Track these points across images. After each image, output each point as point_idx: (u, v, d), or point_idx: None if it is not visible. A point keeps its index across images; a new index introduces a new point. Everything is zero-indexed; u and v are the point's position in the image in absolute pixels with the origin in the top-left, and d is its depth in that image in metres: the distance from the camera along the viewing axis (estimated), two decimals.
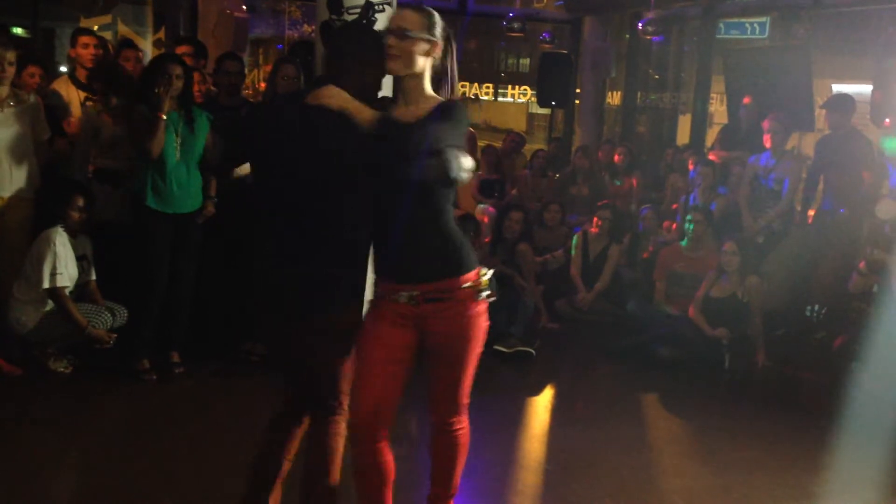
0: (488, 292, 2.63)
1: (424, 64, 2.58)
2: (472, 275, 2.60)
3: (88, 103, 5.11)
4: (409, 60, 2.54)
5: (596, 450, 4.01)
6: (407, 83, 2.60)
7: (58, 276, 4.30)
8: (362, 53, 2.58)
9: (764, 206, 6.19)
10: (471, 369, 2.72)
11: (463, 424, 2.81)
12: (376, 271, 2.67)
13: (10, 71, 4.38)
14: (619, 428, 4.31)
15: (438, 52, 2.59)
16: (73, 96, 5.10)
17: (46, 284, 4.29)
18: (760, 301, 5.37)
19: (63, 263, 4.34)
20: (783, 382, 5.11)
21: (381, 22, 4.71)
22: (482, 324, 2.66)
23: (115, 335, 4.48)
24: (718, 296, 5.42)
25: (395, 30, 2.56)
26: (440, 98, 2.62)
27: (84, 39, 5.18)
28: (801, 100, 7.38)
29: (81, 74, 5.17)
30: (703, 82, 9.40)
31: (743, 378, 5.16)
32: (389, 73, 2.62)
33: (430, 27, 2.57)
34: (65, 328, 4.37)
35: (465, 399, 2.77)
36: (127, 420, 4.07)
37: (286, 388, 2.82)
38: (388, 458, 2.71)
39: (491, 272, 2.68)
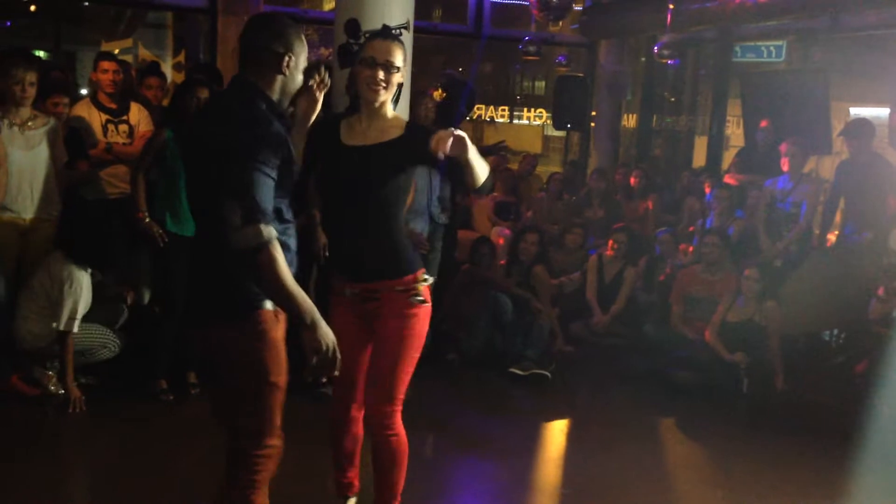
0: (420, 298, 2.87)
1: None
2: (408, 278, 2.86)
3: (109, 126, 5.18)
4: (393, 90, 2.82)
5: (612, 474, 3.98)
6: (381, 107, 2.84)
7: (74, 322, 4.29)
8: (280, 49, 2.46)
9: (781, 230, 6.16)
10: (404, 366, 2.90)
11: (396, 430, 2.94)
12: (333, 267, 3.03)
13: (31, 92, 4.43)
14: (635, 452, 4.27)
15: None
16: (95, 119, 5.16)
17: (62, 327, 4.26)
18: (778, 325, 5.33)
19: (83, 306, 4.33)
20: (802, 407, 5.05)
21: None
22: (417, 324, 2.90)
23: (83, 397, 4.31)
24: (735, 320, 5.38)
25: (384, 63, 2.74)
26: (400, 117, 2.93)
27: (104, 65, 5.25)
28: (819, 123, 7.36)
29: (103, 97, 5.24)
30: (719, 105, 9.41)
31: (761, 403, 5.11)
32: (371, 103, 2.79)
33: (405, 57, 2.84)
34: (80, 346, 4.38)
35: (398, 394, 2.91)
36: (144, 439, 4.07)
37: None
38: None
39: (431, 279, 2.94)
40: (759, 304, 5.35)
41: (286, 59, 2.44)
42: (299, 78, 2.52)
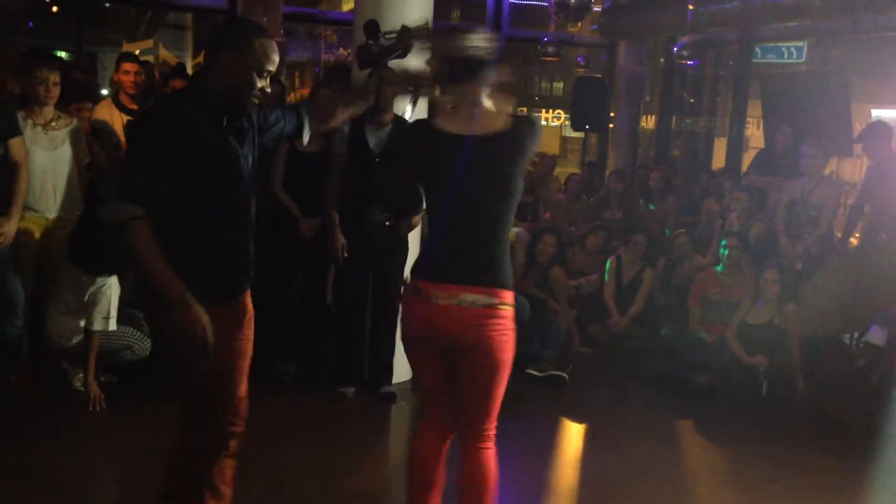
0: None
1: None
2: None
3: None
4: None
5: (630, 477, 3.97)
6: None
7: (109, 321, 4.34)
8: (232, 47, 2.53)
9: (801, 232, 6.12)
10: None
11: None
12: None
13: (55, 92, 4.46)
14: (653, 455, 4.26)
15: None
16: (116, 120, 5.21)
17: (96, 327, 4.31)
18: (799, 328, 5.29)
19: (115, 303, 4.37)
20: (822, 411, 5.01)
21: (416, 47, 4.77)
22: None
23: (103, 395, 4.37)
24: (755, 322, 5.35)
25: None
26: None
27: (126, 66, 5.29)
28: (839, 125, 7.30)
29: (124, 98, 5.29)
30: (739, 106, 9.35)
31: (780, 406, 5.08)
32: None
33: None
34: (105, 349, 4.42)
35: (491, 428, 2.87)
36: (162, 436, 4.09)
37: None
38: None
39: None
40: (780, 306, 5.31)
41: (225, 54, 2.51)
42: (243, 76, 2.51)
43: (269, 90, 2.60)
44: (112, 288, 4.36)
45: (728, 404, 5.04)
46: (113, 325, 4.36)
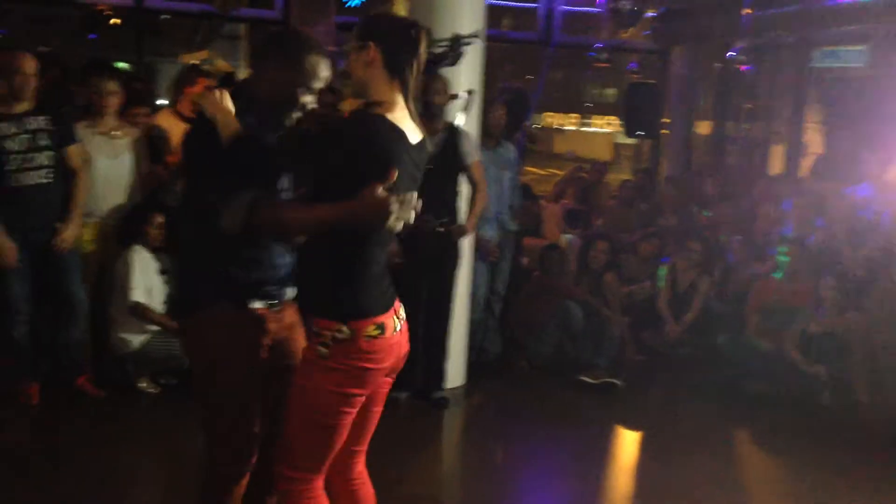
0: (325, 351, 2.20)
1: (368, 76, 2.27)
2: (325, 322, 2.22)
3: None
4: (355, 80, 2.31)
5: (685, 485, 3.91)
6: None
7: (132, 291, 4.45)
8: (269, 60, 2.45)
9: (863, 239, 5.97)
10: (296, 432, 2.31)
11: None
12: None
13: (111, 101, 4.57)
14: (708, 464, 4.19)
15: (369, 56, 2.24)
16: (177, 128, 5.31)
17: (133, 298, 4.45)
18: (862, 336, 5.16)
19: (138, 278, 4.49)
20: (886, 422, 4.87)
21: (468, 55, 4.78)
22: (317, 382, 2.23)
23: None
24: (817, 331, 5.24)
25: None
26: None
27: (204, 81, 5.41)
28: None
29: (185, 108, 5.39)
30: (797, 112, 9.18)
31: (842, 416, 4.95)
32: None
33: (360, 34, 2.27)
34: (167, 352, 4.51)
35: (287, 468, 2.34)
36: None
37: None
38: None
39: (348, 330, 2.20)
40: (842, 314, 5.19)
41: (273, 67, 2.44)
42: (288, 91, 2.43)
43: (311, 107, 2.49)
44: (136, 263, 4.50)
45: (786, 414, 4.93)
46: (138, 296, 4.46)
